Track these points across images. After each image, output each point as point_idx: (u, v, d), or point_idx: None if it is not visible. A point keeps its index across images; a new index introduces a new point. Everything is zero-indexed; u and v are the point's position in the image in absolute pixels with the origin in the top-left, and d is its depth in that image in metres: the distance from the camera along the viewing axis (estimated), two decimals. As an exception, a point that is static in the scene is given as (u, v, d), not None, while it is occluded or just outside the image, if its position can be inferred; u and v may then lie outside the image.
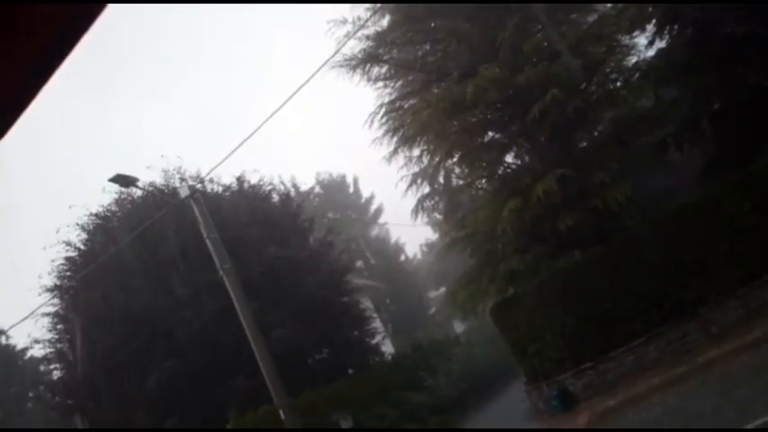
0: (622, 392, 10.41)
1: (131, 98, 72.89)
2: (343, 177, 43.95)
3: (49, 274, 17.53)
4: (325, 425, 14.02)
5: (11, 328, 16.46)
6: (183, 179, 17.56)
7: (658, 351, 10.96)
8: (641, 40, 14.90)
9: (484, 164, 14.71)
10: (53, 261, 17.58)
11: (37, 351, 21.02)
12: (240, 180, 19.78)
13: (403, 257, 45.08)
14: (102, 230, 18.03)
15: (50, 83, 1.32)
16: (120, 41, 74.08)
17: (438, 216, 28.14)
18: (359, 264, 35.82)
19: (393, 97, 16.59)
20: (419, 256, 52.08)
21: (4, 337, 26.21)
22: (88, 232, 18.08)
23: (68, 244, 17.64)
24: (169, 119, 76.41)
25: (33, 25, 1.15)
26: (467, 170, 15.42)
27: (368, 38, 15.03)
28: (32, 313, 15.89)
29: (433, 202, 20.99)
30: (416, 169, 18.33)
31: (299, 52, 66.21)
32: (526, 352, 12.74)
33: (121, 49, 74.48)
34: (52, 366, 20.09)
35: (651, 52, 14.67)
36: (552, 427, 11.17)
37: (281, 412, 12.22)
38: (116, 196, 18.32)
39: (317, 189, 41.99)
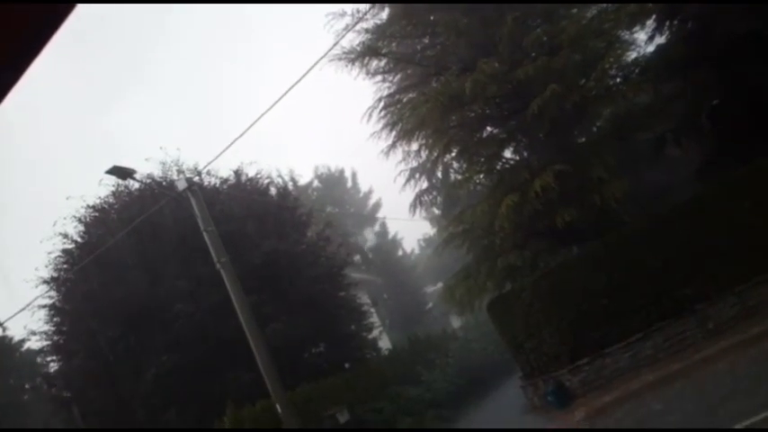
0: (619, 389, 10.41)
1: (130, 90, 72.65)
2: (342, 171, 43.98)
3: (46, 266, 17.50)
4: (322, 419, 14.04)
5: (8, 320, 16.42)
6: (180, 171, 17.50)
7: (655, 347, 10.97)
8: (641, 35, 14.89)
9: (482, 159, 14.66)
10: (50, 253, 17.53)
11: (33, 343, 21.06)
12: (238, 173, 19.69)
13: (401, 252, 45.10)
14: (100, 222, 17.95)
15: (52, 74, 1.29)
16: (119, 34, 73.80)
17: (436, 211, 28.20)
18: (356, 258, 35.80)
19: (392, 91, 16.51)
20: (417, 250, 52.22)
21: (0, 329, 26.18)
22: (85, 224, 18.01)
23: (65, 236, 17.58)
24: (167, 111, 76.22)
25: (12, 18, 1.13)
26: (465, 165, 15.38)
27: (367, 31, 14.96)
28: (29, 305, 15.87)
29: (431, 196, 20.98)
30: (415, 164, 18.31)
31: (298, 45, 65.92)
32: (523, 347, 12.73)
33: (120, 42, 74.22)
34: (49, 359, 20.04)
35: (651, 48, 14.66)
36: (548, 425, 11.17)
37: (277, 406, 12.23)
38: (113, 188, 18.28)
39: (316, 183, 42.01)
